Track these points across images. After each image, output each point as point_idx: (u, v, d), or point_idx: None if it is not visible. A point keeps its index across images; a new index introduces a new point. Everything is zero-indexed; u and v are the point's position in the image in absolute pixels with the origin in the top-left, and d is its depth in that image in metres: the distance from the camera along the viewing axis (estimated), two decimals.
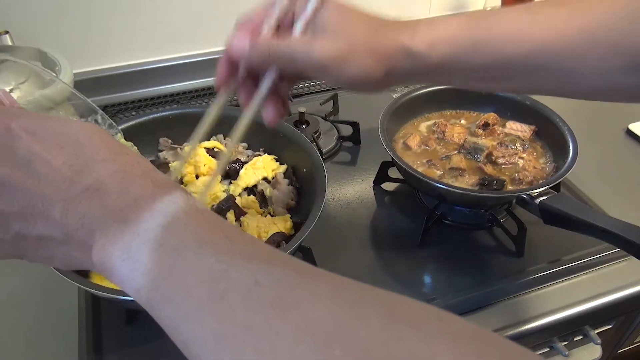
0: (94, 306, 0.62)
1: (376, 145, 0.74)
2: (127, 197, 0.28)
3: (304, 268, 0.27)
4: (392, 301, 0.25)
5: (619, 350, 0.85)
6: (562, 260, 0.68)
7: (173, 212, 0.28)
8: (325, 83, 1.05)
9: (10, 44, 0.85)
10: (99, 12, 0.95)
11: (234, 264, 0.26)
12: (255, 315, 0.24)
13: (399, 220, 0.75)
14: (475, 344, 0.22)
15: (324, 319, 0.23)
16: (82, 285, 0.52)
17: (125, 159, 0.30)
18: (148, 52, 1.02)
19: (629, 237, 0.54)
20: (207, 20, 1.03)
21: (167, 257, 0.27)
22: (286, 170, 0.72)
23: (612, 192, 0.78)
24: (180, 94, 1.02)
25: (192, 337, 0.25)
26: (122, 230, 0.28)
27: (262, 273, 0.25)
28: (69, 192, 0.28)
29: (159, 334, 0.61)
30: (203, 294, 0.25)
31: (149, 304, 0.27)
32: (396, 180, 0.79)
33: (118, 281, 0.28)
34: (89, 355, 0.57)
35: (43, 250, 0.31)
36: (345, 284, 0.26)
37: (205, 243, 0.27)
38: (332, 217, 0.74)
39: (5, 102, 0.37)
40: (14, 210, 0.29)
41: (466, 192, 0.67)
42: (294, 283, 0.25)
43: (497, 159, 0.75)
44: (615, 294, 0.64)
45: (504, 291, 0.64)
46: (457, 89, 0.86)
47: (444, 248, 0.70)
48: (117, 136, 0.57)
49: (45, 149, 0.29)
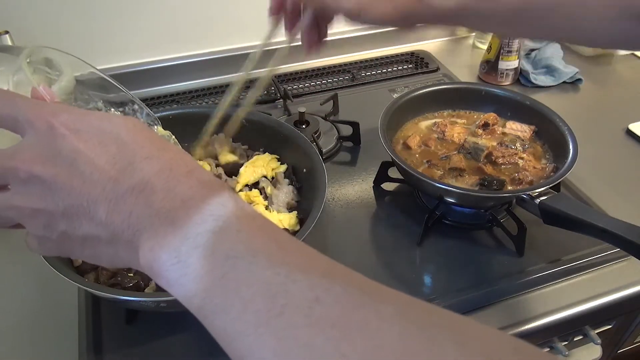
0: (94, 306, 0.62)
1: (376, 145, 0.74)
2: (174, 197, 0.28)
3: (364, 284, 0.26)
4: (461, 325, 0.24)
5: (619, 350, 0.85)
6: (562, 260, 0.68)
7: (224, 216, 0.27)
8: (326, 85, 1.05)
9: (10, 44, 0.85)
10: (99, 12, 0.95)
11: (291, 278, 0.25)
12: (317, 335, 0.23)
13: (399, 220, 0.75)
14: None
15: (394, 345, 0.22)
16: (82, 285, 0.52)
17: (169, 155, 0.30)
18: (148, 52, 1.02)
19: (629, 237, 0.54)
20: (208, 21, 1.03)
21: (220, 266, 0.26)
22: (286, 170, 0.72)
23: (612, 192, 0.78)
24: (180, 94, 1.02)
25: (249, 353, 0.24)
26: (170, 233, 0.27)
27: (322, 289, 0.24)
28: (114, 191, 0.28)
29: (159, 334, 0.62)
30: (261, 309, 0.24)
31: (201, 312, 0.27)
32: (396, 180, 0.79)
33: (166, 284, 0.28)
34: (89, 355, 0.57)
35: (89, 250, 0.31)
36: (410, 304, 0.25)
37: (259, 252, 0.26)
38: (332, 217, 0.74)
39: (46, 97, 0.36)
40: (60, 210, 0.29)
41: (466, 192, 0.67)
42: (357, 301, 0.24)
43: (497, 159, 0.75)
44: (615, 294, 0.64)
45: (504, 291, 0.64)
46: (457, 89, 0.86)
47: (444, 248, 0.70)
48: (156, 128, 0.57)
49: (89, 148, 0.29)
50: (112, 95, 0.53)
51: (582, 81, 1.05)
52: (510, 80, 1.04)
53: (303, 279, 0.25)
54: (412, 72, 1.09)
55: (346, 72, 1.09)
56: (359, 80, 1.06)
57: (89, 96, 0.51)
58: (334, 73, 1.09)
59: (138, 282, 0.57)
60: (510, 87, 1.03)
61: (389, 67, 1.11)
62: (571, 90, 1.04)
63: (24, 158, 0.29)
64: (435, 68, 1.10)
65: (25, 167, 0.29)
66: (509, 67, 1.02)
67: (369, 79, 1.06)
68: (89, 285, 0.54)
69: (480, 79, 1.07)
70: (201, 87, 1.04)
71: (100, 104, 0.52)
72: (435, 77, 1.08)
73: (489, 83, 1.04)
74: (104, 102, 0.52)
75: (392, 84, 1.05)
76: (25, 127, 0.30)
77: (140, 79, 1.01)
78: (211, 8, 1.01)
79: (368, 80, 1.06)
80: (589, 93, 1.04)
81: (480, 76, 1.07)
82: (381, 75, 1.08)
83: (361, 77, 1.07)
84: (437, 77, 1.07)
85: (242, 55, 1.07)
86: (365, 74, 1.08)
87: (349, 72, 1.08)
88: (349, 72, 1.08)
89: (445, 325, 0.23)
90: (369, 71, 1.09)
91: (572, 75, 1.04)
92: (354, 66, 1.10)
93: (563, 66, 1.05)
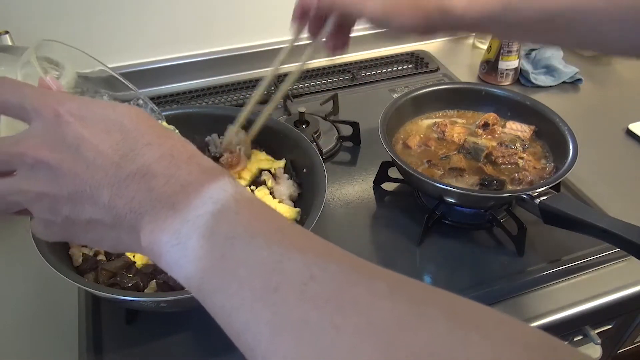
0: (94, 306, 0.62)
1: (376, 145, 0.74)
2: (175, 182, 0.29)
3: (359, 264, 0.26)
4: (451, 300, 0.24)
5: (619, 350, 0.85)
6: (562, 260, 0.68)
7: (223, 199, 0.28)
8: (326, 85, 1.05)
9: (10, 44, 0.85)
10: (99, 12, 0.95)
11: (287, 257, 0.26)
12: (312, 310, 0.23)
13: (399, 220, 0.75)
14: (549, 357, 0.21)
15: (386, 319, 0.22)
16: (82, 285, 0.52)
17: (170, 142, 0.31)
18: (148, 52, 1.02)
19: (629, 237, 0.54)
20: (207, 21, 1.03)
21: (219, 247, 0.27)
22: (285, 165, 0.73)
23: (612, 192, 0.78)
24: (180, 94, 1.02)
25: (246, 327, 0.25)
26: (171, 216, 0.28)
27: (317, 267, 0.25)
28: (117, 176, 0.29)
29: (159, 334, 0.62)
30: (257, 286, 0.25)
31: (200, 292, 0.27)
32: (396, 180, 0.79)
33: (166, 266, 0.28)
34: (89, 355, 0.57)
35: (92, 234, 0.31)
36: (402, 282, 0.25)
37: (257, 233, 0.27)
38: (332, 217, 0.74)
39: (53, 86, 0.37)
40: (64, 194, 0.30)
41: (466, 192, 0.67)
42: (351, 279, 0.25)
43: (497, 159, 0.75)
44: (615, 294, 0.64)
45: (504, 291, 0.64)
46: (457, 89, 0.86)
47: (444, 248, 0.70)
48: (161, 122, 0.58)
49: (93, 134, 0.29)
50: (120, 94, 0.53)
51: (582, 81, 1.05)
52: (510, 80, 1.04)
53: (299, 258, 0.26)
54: (412, 72, 1.09)
55: (346, 72, 1.09)
56: (359, 80, 1.06)
57: (96, 91, 0.52)
58: (334, 73, 1.09)
59: (137, 282, 0.57)
60: (510, 87, 1.03)
61: (389, 67, 1.11)
62: (571, 90, 1.04)
63: (31, 144, 0.30)
64: (435, 68, 1.10)
65: (32, 152, 0.30)
66: (509, 67, 1.02)
67: (369, 79, 1.06)
68: (89, 285, 0.54)
69: (480, 79, 1.07)
70: (201, 87, 1.04)
71: (106, 97, 0.52)
72: (435, 77, 1.08)
73: (489, 83, 1.04)
74: (109, 97, 0.52)
75: (392, 84, 1.05)
76: (32, 115, 0.30)
77: (141, 79, 1.01)
78: (211, 8, 1.01)
79: (368, 80, 1.06)
80: (589, 93, 1.04)
81: (480, 76, 1.07)
82: (381, 75, 1.08)
83: (361, 77, 1.07)
84: (437, 77, 1.07)
85: (242, 55, 1.08)
86: (365, 74, 1.08)
87: (349, 72, 1.08)
88: (349, 72, 1.08)
89: (435, 300, 0.24)
90: (369, 71, 1.09)
91: (572, 75, 1.04)
92: (354, 66, 1.10)
93: (563, 66, 1.05)
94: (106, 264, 0.59)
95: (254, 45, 1.08)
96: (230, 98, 1.01)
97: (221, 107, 0.88)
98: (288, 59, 0.64)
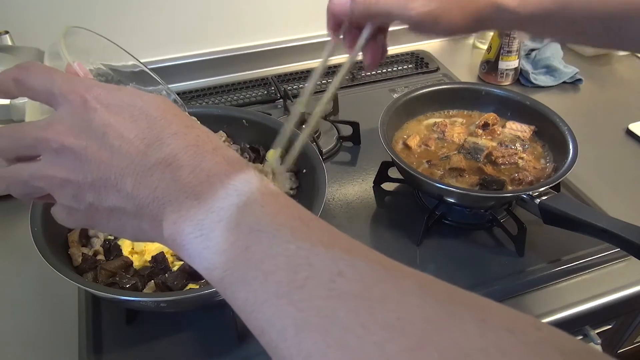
0: (94, 306, 0.62)
1: (376, 145, 0.74)
2: (200, 172, 0.28)
3: (386, 261, 0.26)
4: (482, 303, 0.24)
5: (619, 350, 0.85)
6: (562, 260, 0.68)
7: (248, 192, 0.28)
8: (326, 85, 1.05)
9: (10, 44, 0.85)
10: (99, 12, 0.95)
11: (314, 252, 0.25)
12: (339, 307, 0.23)
13: (399, 220, 0.75)
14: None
15: (415, 317, 0.22)
16: (82, 285, 0.52)
17: (196, 132, 0.30)
18: (148, 52, 1.02)
19: (629, 237, 0.54)
20: (208, 21, 1.03)
21: (243, 239, 0.26)
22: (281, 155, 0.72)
23: (612, 192, 0.78)
24: (180, 94, 1.02)
25: (270, 323, 0.24)
26: (195, 206, 0.28)
27: (345, 263, 0.25)
28: (142, 165, 0.29)
29: (159, 334, 0.62)
30: (282, 280, 0.24)
31: (222, 284, 0.27)
32: (396, 180, 0.79)
33: (187, 257, 0.28)
34: (89, 355, 0.57)
35: (114, 222, 0.31)
36: (430, 280, 0.25)
37: (282, 227, 0.26)
38: (332, 217, 0.74)
39: (80, 73, 0.37)
40: (88, 181, 0.30)
41: (466, 192, 0.67)
42: (379, 276, 0.24)
43: (497, 159, 0.75)
44: (615, 294, 0.64)
45: (504, 291, 0.64)
46: (457, 89, 0.86)
47: (444, 248, 0.70)
48: None
49: (119, 122, 0.29)
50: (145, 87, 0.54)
51: (582, 81, 1.05)
52: (510, 80, 1.04)
53: (326, 253, 0.25)
54: (412, 72, 1.09)
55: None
56: (359, 80, 1.06)
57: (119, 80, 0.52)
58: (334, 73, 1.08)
59: (136, 283, 0.57)
60: (510, 87, 1.03)
61: (389, 67, 1.11)
62: (571, 90, 1.04)
63: (57, 130, 0.30)
64: (435, 68, 1.10)
65: (58, 138, 0.29)
66: (509, 67, 1.02)
67: (369, 79, 1.06)
68: (89, 285, 0.54)
69: (480, 79, 1.07)
70: (201, 87, 1.04)
71: (132, 84, 0.52)
72: (435, 77, 1.08)
73: (489, 83, 1.04)
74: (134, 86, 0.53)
75: (392, 84, 1.05)
76: (59, 101, 0.30)
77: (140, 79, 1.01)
78: (211, 8, 1.01)
79: (368, 80, 1.06)
80: (589, 93, 1.04)
81: (480, 76, 1.07)
82: (381, 75, 1.08)
83: (361, 77, 1.07)
84: (437, 77, 1.07)
85: (242, 55, 1.08)
86: (365, 74, 1.08)
87: (349, 72, 1.08)
88: (349, 72, 1.08)
89: (465, 302, 0.23)
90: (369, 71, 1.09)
91: (572, 75, 1.04)
92: (354, 66, 1.10)
93: (563, 66, 1.05)
94: (105, 264, 0.59)
95: (254, 45, 1.08)
96: (230, 98, 1.01)
97: (221, 107, 0.88)
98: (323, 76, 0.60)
